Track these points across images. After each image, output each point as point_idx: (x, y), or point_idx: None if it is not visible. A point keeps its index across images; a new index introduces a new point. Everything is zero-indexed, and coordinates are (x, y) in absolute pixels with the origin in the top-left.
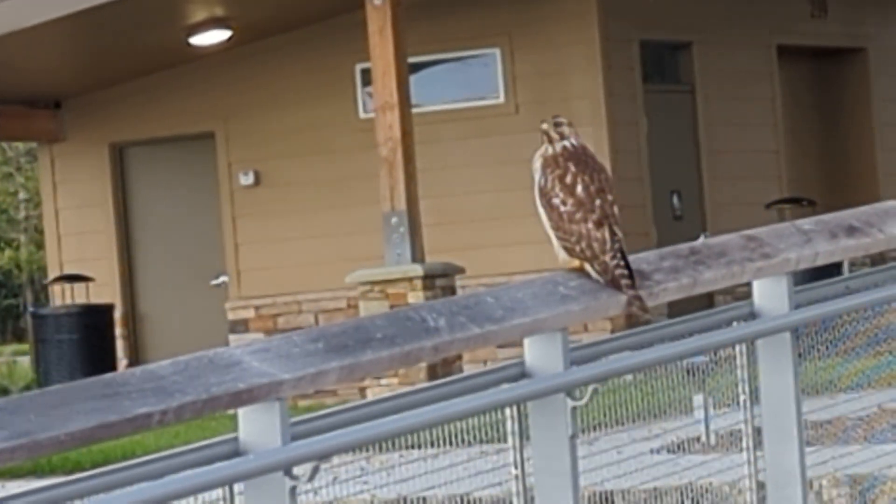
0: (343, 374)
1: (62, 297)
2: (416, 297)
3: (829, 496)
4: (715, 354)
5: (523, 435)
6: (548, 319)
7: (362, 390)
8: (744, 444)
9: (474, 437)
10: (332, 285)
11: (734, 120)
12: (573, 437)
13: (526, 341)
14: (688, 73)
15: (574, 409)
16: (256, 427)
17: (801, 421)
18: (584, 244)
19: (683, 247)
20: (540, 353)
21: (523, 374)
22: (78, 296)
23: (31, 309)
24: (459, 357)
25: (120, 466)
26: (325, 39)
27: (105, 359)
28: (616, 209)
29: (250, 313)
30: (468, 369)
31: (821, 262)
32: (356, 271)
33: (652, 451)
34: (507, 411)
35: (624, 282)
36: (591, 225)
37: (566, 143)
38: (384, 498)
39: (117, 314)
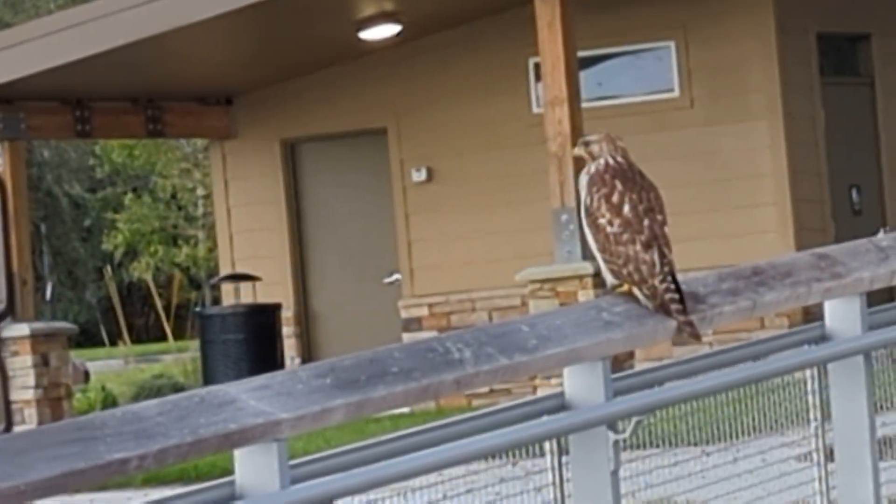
0: (350, 412)
1: (235, 296)
2: (586, 295)
3: None
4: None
5: (563, 469)
6: (586, 348)
7: (534, 388)
8: (814, 474)
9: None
10: (505, 283)
11: None
12: (615, 472)
13: (565, 371)
14: (867, 66)
15: (616, 442)
16: (254, 469)
17: (875, 448)
18: (631, 267)
19: (746, 266)
20: (580, 384)
21: (563, 406)
22: (249, 294)
23: (196, 309)
24: (632, 355)
25: None
26: (497, 34)
27: (271, 359)
28: (667, 230)
29: (424, 311)
30: None
31: None
32: (526, 269)
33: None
34: (546, 445)
35: (674, 307)
36: (639, 247)
37: (609, 159)
38: None
39: (288, 313)
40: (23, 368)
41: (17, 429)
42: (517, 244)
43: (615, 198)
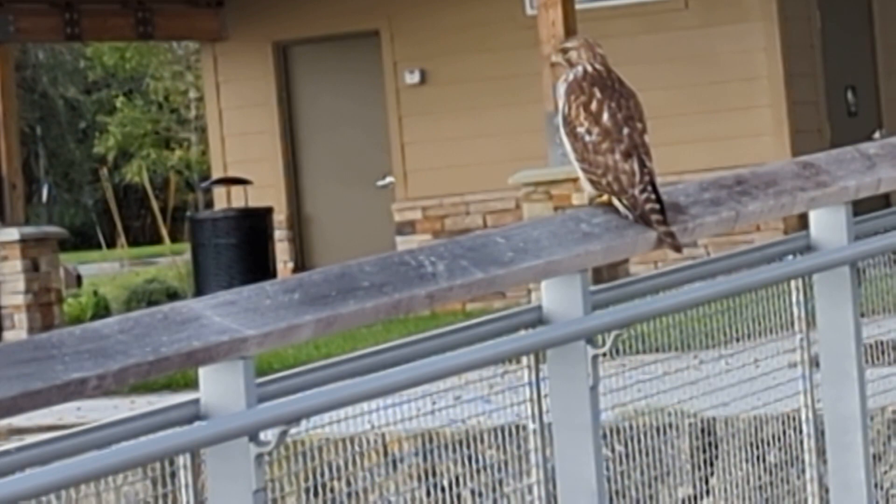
0: (319, 328)
1: (227, 200)
2: (580, 198)
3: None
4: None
5: (541, 385)
6: (563, 261)
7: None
8: (800, 387)
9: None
10: (499, 186)
11: None
12: (594, 387)
13: (543, 284)
14: None
15: (595, 357)
16: (219, 389)
17: (861, 360)
18: (610, 177)
19: (729, 176)
20: (558, 297)
21: (541, 320)
22: (241, 198)
23: (188, 213)
24: (626, 260)
25: (61, 435)
26: None
27: (263, 263)
28: (647, 138)
29: (417, 215)
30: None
31: (885, 189)
32: (519, 172)
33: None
34: (524, 360)
35: (654, 217)
36: (618, 156)
37: (587, 66)
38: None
39: (280, 217)
40: (12, 273)
41: (8, 334)
42: (511, 147)
43: (594, 106)
